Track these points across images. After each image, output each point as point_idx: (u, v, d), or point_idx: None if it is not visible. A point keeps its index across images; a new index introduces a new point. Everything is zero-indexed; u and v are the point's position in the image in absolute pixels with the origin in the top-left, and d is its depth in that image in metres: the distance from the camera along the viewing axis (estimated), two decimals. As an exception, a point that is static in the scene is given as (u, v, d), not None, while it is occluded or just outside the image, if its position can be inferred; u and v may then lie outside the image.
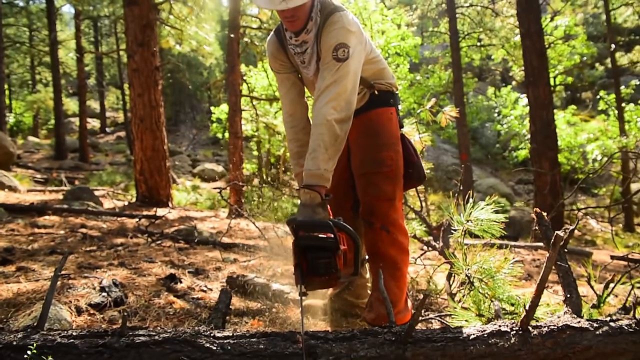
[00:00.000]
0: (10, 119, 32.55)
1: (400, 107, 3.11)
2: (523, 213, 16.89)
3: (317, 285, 2.51)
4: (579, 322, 2.01)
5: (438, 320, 2.98)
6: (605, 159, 17.74)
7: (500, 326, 1.99)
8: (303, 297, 2.36)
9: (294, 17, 2.56)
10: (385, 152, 2.86)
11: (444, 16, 22.77)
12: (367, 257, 3.03)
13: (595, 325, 1.99)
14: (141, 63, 10.88)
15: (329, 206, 2.57)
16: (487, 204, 3.00)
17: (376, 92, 2.93)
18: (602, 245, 15.16)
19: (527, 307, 1.97)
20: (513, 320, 2.03)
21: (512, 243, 9.07)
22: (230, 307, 3.12)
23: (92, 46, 39.70)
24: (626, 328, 2.00)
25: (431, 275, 4.24)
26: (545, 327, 1.98)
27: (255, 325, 2.95)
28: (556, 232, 1.91)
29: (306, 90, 3.10)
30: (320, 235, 2.37)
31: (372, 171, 2.84)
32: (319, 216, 2.44)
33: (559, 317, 2.22)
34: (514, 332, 1.96)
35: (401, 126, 3.09)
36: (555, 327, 1.97)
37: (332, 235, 2.34)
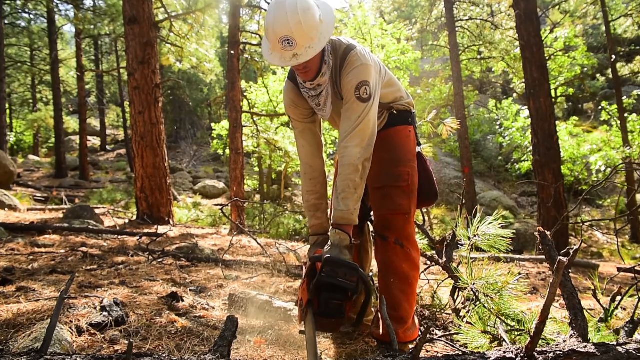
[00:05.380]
0: (11, 138, 32.78)
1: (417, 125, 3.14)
2: (527, 226, 16.85)
3: (322, 327, 2.49)
4: (586, 346, 1.95)
5: (443, 342, 2.93)
6: (609, 170, 17.68)
7: (505, 352, 1.95)
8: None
9: (307, 69, 2.62)
10: (403, 168, 2.89)
11: (444, 30, 22.86)
12: (376, 271, 3.01)
13: (602, 349, 1.94)
14: (142, 81, 10.92)
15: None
16: (495, 219, 2.97)
17: (395, 112, 2.99)
18: (609, 257, 15.06)
19: (531, 333, 1.92)
20: (518, 346, 1.98)
21: (518, 257, 9.04)
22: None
23: (92, 64, 39.98)
24: (634, 352, 1.95)
25: (435, 290, 4.19)
26: (550, 352, 1.93)
27: (258, 344, 2.90)
28: (559, 257, 1.86)
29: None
30: (344, 277, 2.36)
31: (390, 185, 2.86)
32: (346, 257, 2.45)
33: (564, 341, 2.19)
34: (519, 358, 1.91)
35: (418, 144, 3.13)
36: (561, 352, 1.92)
37: (356, 279, 2.35)
